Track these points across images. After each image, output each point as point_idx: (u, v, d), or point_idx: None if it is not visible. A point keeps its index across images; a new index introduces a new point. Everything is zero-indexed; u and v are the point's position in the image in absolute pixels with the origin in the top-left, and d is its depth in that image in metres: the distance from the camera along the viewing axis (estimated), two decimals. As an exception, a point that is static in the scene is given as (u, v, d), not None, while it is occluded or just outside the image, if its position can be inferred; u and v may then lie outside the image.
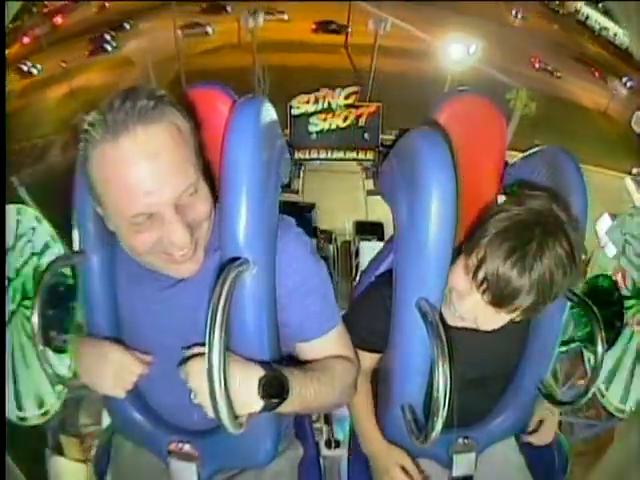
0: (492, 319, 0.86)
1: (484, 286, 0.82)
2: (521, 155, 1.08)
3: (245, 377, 0.74)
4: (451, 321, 0.91)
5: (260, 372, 0.74)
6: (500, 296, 0.81)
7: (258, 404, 0.73)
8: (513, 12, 22.23)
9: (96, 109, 0.69)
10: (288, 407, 0.77)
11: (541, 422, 1.10)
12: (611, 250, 1.59)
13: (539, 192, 0.84)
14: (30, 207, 1.46)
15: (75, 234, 0.92)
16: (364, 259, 8.09)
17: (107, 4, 24.13)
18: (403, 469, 1.04)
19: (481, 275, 0.82)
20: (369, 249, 7.94)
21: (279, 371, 0.76)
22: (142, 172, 0.69)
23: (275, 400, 0.74)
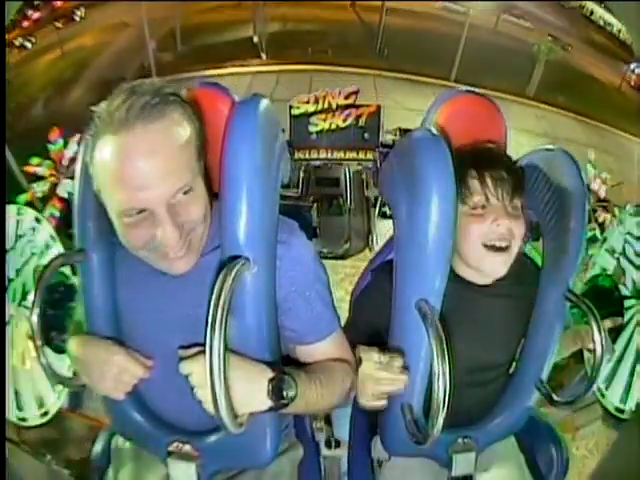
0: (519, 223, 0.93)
1: (497, 194, 0.91)
2: (520, 156, 1.09)
3: (253, 377, 0.74)
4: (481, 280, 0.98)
5: (269, 373, 0.75)
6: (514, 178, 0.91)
7: (265, 404, 0.73)
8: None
9: (104, 101, 0.72)
10: (292, 409, 0.77)
11: None
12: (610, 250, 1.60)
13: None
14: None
15: (75, 232, 0.92)
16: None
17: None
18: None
19: (490, 196, 0.91)
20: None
21: (288, 373, 0.76)
22: (137, 168, 0.70)
23: (283, 401, 0.74)
